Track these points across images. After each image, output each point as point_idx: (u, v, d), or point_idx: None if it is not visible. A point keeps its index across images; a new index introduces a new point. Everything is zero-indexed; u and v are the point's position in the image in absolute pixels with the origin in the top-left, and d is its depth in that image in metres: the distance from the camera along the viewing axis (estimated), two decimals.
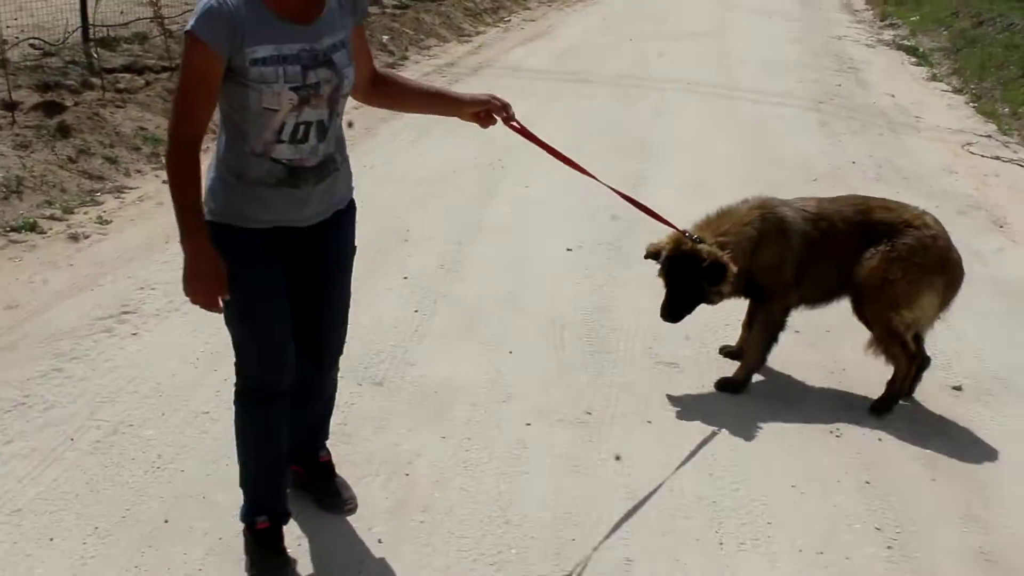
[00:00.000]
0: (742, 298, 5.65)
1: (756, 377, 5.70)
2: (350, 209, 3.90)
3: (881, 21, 22.20)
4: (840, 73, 15.56)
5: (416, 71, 14.43)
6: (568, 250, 7.44)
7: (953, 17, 19.89)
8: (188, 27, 3.22)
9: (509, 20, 20.24)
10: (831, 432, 5.23)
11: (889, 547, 4.36)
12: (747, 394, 5.55)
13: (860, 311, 5.50)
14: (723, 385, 5.56)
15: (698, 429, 5.16)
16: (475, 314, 6.29)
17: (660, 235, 5.50)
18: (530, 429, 5.04)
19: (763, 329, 5.57)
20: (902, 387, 5.46)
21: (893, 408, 5.45)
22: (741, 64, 15.51)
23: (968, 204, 9.48)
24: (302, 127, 3.44)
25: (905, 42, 18.78)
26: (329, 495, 4.33)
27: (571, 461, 4.81)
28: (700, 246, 5.29)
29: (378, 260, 7.02)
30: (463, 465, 4.75)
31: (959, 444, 5.26)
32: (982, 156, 11.27)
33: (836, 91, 14.14)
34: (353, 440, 4.90)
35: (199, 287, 3.39)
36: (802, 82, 14.51)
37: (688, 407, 5.36)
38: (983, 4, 19.57)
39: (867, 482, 4.82)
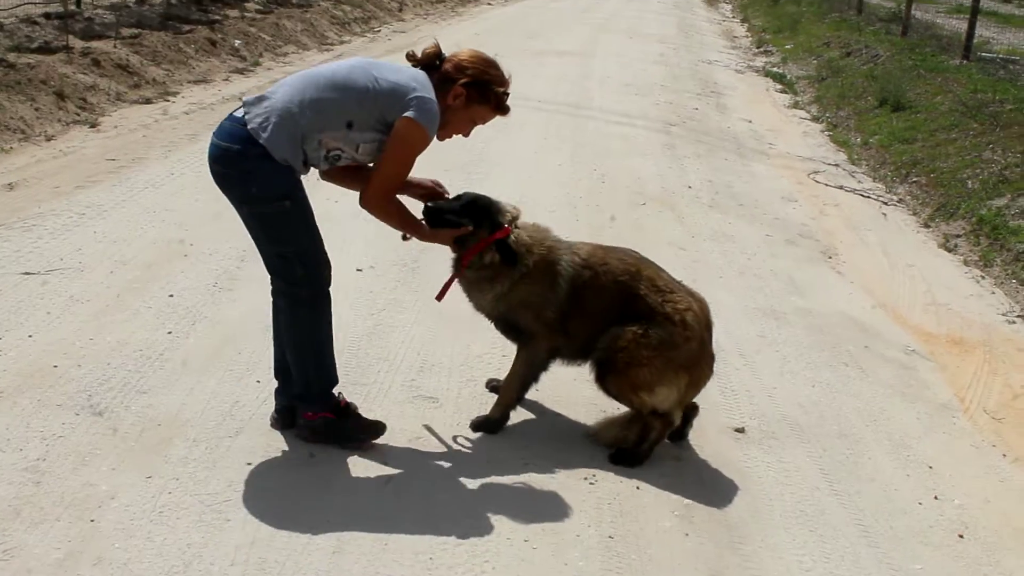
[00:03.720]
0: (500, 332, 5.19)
1: (526, 415, 5.26)
2: None
3: (756, 48, 22.15)
4: (701, 97, 15.35)
5: (266, 77, 13.89)
6: (358, 271, 6.95)
7: (825, 47, 19.90)
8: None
9: (379, 30, 19.79)
10: (585, 479, 4.79)
11: None
12: (507, 434, 5.07)
13: (602, 381, 5.05)
14: (478, 425, 5.12)
15: (436, 473, 4.67)
16: (232, 338, 5.77)
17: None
18: (249, 469, 4.51)
19: (522, 366, 5.15)
20: (652, 445, 5.05)
21: (641, 463, 5.02)
22: (601, 84, 15.21)
23: (800, 233, 9.21)
24: None
25: (775, 69, 18.70)
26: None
27: (284, 508, 4.28)
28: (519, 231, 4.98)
29: (146, 275, 6.49)
30: (159, 511, 4.22)
31: (724, 494, 4.87)
32: (826, 185, 11.07)
33: (692, 114, 13.90)
34: (46, 479, 4.36)
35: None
36: (658, 104, 14.26)
37: (434, 448, 4.87)
38: (853, 35, 19.61)
39: (610, 536, 4.38)
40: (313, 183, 4.60)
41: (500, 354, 5.89)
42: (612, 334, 4.95)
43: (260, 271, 6.64)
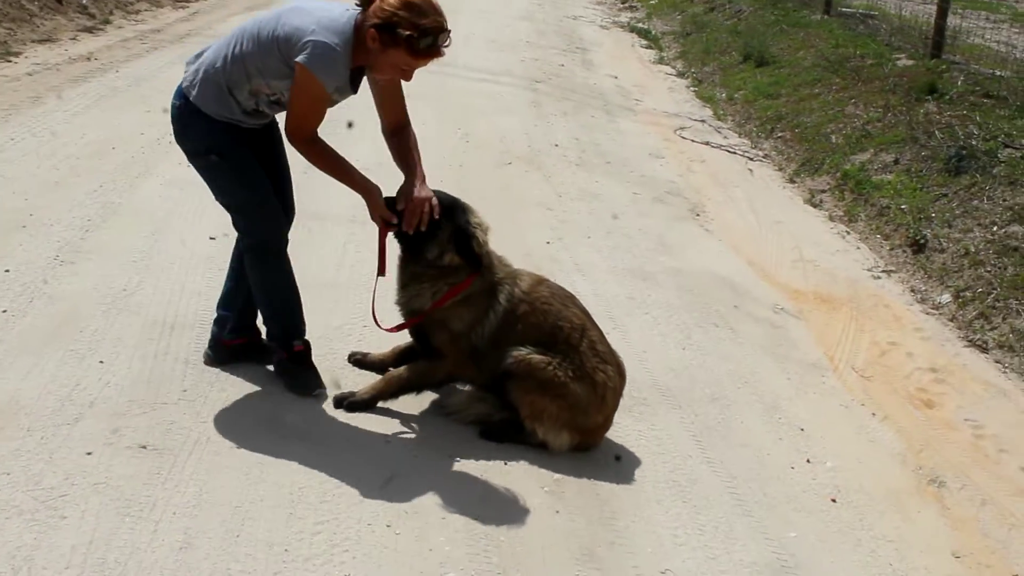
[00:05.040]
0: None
1: None
2: None
3: (622, 3, 22.05)
4: (567, 53, 15.19)
5: (116, 36, 13.25)
6: (211, 239, 6.58)
7: (688, 2, 19.91)
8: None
9: None
10: (450, 456, 4.58)
11: None
12: (371, 412, 4.82)
13: (505, 385, 4.79)
14: (341, 401, 4.85)
15: (296, 455, 4.40)
16: (74, 315, 5.39)
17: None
18: (89, 460, 4.19)
19: (413, 375, 4.92)
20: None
21: (511, 440, 4.83)
22: (465, 41, 14.87)
23: (668, 191, 9.12)
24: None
25: (640, 25, 18.65)
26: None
27: (125, 502, 3.96)
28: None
29: None
30: None
31: (595, 466, 4.73)
32: (692, 141, 11.00)
33: (558, 71, 13.74)
34: None
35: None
36: (524, 61, 14.05)
37: (290, 428, 4.59)
38: None
39: (477, 518, 4.16)
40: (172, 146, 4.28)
41: (361, 324, 5.65)
42: (532, 353, 4.74)
43: (105, 242, 6.30)
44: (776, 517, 4.59)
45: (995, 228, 7.72)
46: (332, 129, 4.66)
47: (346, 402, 4.84)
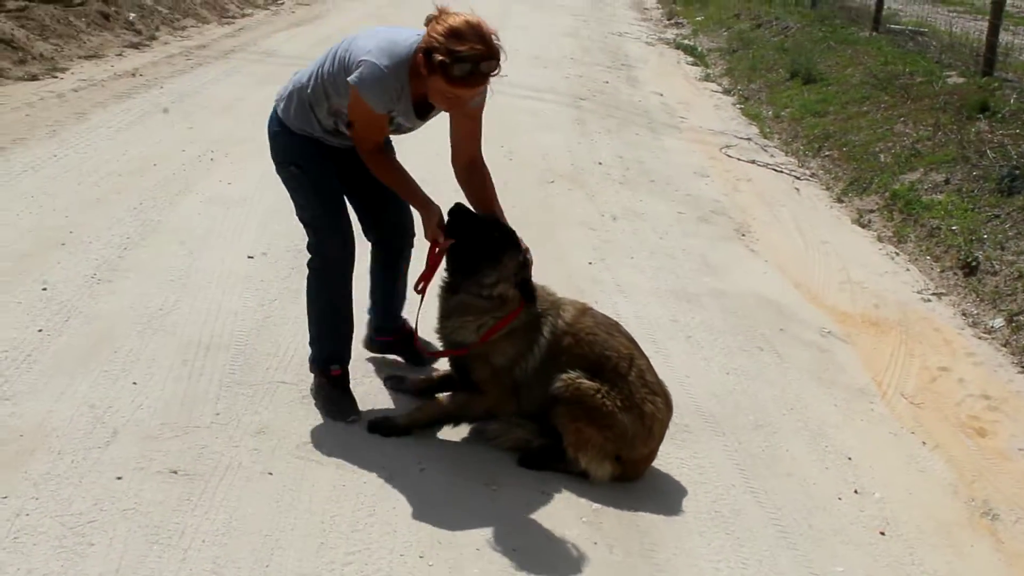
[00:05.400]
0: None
1: None
2: None
3: (667, 20, 21.93)
4: (611, 70, 15.09)
5: (162, 52, 13.30)
6: (249, 258, 6.53)
7: (735, 19, 19.74)
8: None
9: (282, 3, 19.19)
10: (486, 484, 4.47)
11: None
12: (411, 441, 4.75)
13: (552, 409, 4.65)
14: (376, 425, 4.75)
15: (328, 481, 4.30)
16: (109, 335, 5.33)
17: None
18: (119, 484, 4.12)
19: (454, 407, 4.83)
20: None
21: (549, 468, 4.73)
22: (509, 56, 14.74)
23: (712, 210, 8.97)
24: None
25: (685, 41, 18.51)
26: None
27: (154, 529, 3.89)
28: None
29: (20, 266, 6.01)
30: (14, 536, 3.79)
31: (635, 496, 4.61)
32: (738, 160, 10.86)
33: (602, 88, 13.63)
34: None
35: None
36: (568, 78, 13.96)
37: (323, 453, 4.50)
38: (763, 7, 19.45)
39: (514, 549, 4.06)
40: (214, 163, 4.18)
41: None
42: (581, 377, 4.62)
43: (143, 260, 6.26)
44: (823, 550, 4.44)
45: None
46: None
47: (382, 427, 4.74)
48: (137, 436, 4.45)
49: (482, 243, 4.62)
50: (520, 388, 4.71)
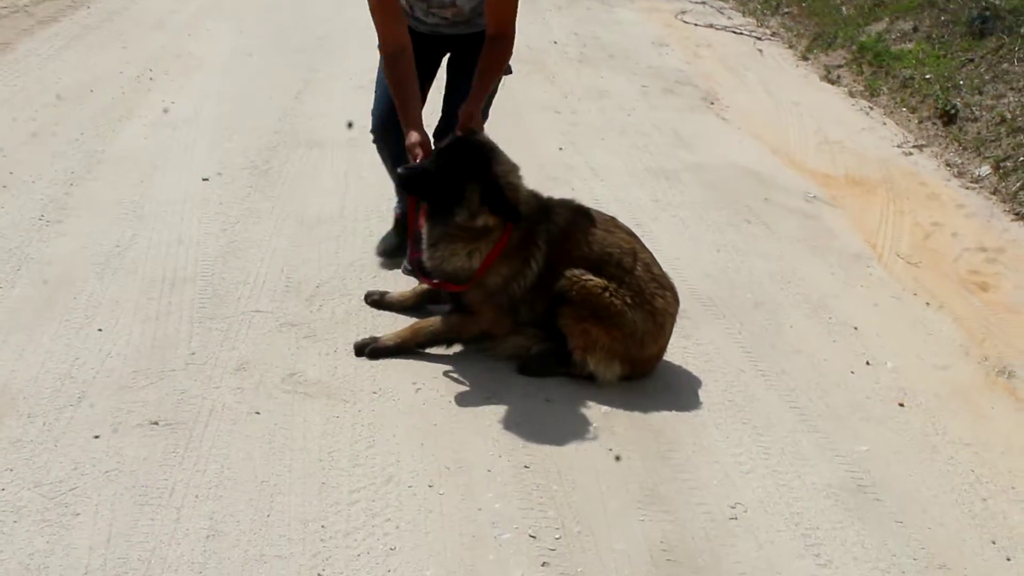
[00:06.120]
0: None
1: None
2: None
3: None
4: None
5: None
6: (204, 180, 6.16)
7: None
8: None
9: None
10: (487, 398, 4.22)
11: (545, 564, 3.37)
12: (401, 361, 4.48)
13: (557, 315, 4.37)
14: (362, 348, 4.48)
15: (320, 414, 4.03)
16: (66, 280, 4.98)
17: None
18: (98, 444, 3.82)
19: (445, 327, 4.51)
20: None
21: (553, 373, 4.46)
22: None
23: (677, 80, 8.69)
24: None
25: None
26: None
27: (141, 489, 3.60)
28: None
29: None
30: None
31: (643, 393, 4.35)
32: (695, 25, 10.54)
33: None
34: None
35: None
36: None
37: (311, 383, 4.23)
38: None
39: (526, 466, 3.81)
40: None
41: (374, 259, 5.24)
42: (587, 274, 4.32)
43: (92, 195, 5.89)
44: (844, 430, 4.24)
45: None
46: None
47: (368, 348, 4.46)
48: (110, 388, 4.13)
49: (442, 185, 4.26)
50: (518, 304, 4.40)
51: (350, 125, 6.23)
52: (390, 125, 4.65)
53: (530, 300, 4.39)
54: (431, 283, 4.46)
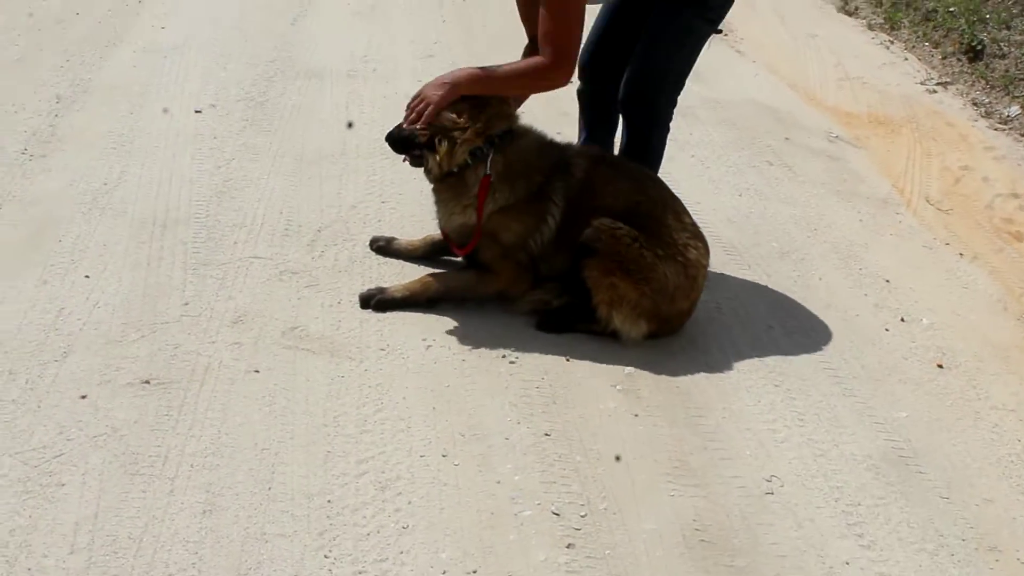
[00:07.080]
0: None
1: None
2: None
3: None
4: None
5: None
6: (197, 112, 5.82)
7: None
8: None
9: None
10: (504, 357, 3.94)
11: (570, 545, 3.10)
12: (410, 314, 4.17)
13: (582, 267, 4.07)
14: (368, 299, 4.18)
15: (324, 373, 3.73)
16: (50, 221, 4.67)
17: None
18: (85, 405, 3.53)
19: (459, 283, 4.25)
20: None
21: (573, 328, 4.18)
22: None
23: None
24: None
25: None
26: None
27: (132, 456, 3.32)
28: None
29: None
30: None
31: (668, 352, 4.08)
32: None
33: None
34: None
35: None
36: None
37: (313, 339, 3.93)
38: None
39: (547, 434, 3.53)
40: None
41: (379, 200, 4.97)
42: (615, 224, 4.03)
43: (78, 127, 5.54)
44: (881, 394, 3.98)
45: None
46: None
47: (374, 300, 4.17)
48: (98, 342, 3.84)
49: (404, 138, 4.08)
50: (538, 261, 4.10)
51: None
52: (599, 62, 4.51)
53: (549, 256, 4.06)
54: (459, 251, 4.16)
